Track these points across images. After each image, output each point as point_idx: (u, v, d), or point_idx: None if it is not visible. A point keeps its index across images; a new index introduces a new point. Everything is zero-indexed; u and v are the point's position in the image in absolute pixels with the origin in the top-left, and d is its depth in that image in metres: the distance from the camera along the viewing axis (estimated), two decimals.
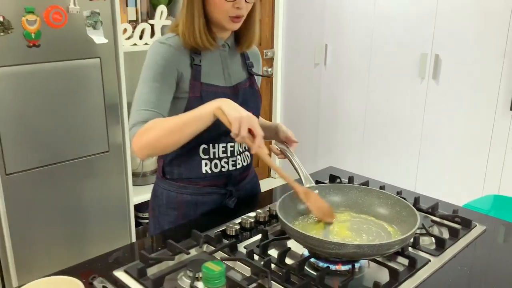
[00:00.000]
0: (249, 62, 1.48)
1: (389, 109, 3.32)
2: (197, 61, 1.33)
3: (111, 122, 2.08)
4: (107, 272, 1.13)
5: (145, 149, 1.26)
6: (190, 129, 1.21)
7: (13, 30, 1.73)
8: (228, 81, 1.40)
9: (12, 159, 1.83)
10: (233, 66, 1.43)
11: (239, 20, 1.31)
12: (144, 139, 1.24)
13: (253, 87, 1.47)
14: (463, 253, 1.24)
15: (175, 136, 1.22)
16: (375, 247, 1.05)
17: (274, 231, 1.32)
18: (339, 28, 3.49)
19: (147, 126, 1.24)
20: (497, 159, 2.82)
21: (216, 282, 0.67)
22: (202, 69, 1.34)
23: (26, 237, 1.94)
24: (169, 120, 1.25)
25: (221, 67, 1.40)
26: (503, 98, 2.74)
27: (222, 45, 1.39)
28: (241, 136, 1.14)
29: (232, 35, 1.42)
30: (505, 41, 2.68)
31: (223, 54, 1.40)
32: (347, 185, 1.39)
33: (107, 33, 1.97)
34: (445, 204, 1.51)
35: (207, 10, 1.30)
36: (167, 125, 1.23)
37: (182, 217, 1.44)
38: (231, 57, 1.43)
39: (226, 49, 1.41)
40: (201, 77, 1.34)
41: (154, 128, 1.23)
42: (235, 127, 1.14)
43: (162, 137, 1.23)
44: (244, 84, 1.44)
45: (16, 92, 1.80)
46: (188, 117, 1.21)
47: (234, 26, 1.33)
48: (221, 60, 1.40)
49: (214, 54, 1.38)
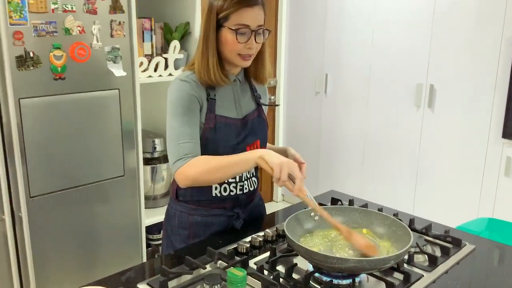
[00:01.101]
0: (257, 94, 1.62)
1: (387, 136, 3.47)
2: (212, 95, 1.48)
3: (127, 148, 2.23)
4: (131, 285, 1.26)
5: (190, 181, 1.41)
6: (233, 171, 1.39)
7: (41, 65, 1.89)
8: (239, 113, 1.55)
9: (36, 182, 1.97)
10: (243, 98, 1.57)
11: (250, 58, 1.46)
12: (190, 173, 1.39)
13: (261, 116, 1.62)
14: (453, 269, 1.36)
15: (218, 174, 1.39)
16: (373, 262, 1.18)
17: (281, 249, 1.44)
18: (339, 59, 3.67)
19: (193, 162, 1.39)
20: (491, 184, 2.95)
21: (239, 285, 0.81)
22: (217, 103, 1.49)
23: (46, 255, 2.06)
24: (214, 159, 1.40)
25: (233, 100, 1.54)
26: (495, 126, 2.89)
27: (233, 80, 1.54)
28: (282, 180, 1.29)
29: (242, 70, 1.57)
30: (496, 73, 2.84)
31: (235, 88, 1.55)
32: (348, 207, 1.52)
33: (125, 67, 2.13)
34: (438, 225, 1.63)
35: (220, 49, 1.45)
36: (213, 164, 1.38)
37: (192, 237, 1.56)
38: (241, 90, 1.57)
39: (237, 83, 1.56)
40: (216, 110, 1.48)
41: (200, 165, 1.39)
42: (276, 172, 1.28)
43: (206, 174, 1.39)
44: (253, 114, 1.58)
45: (42, 121, 1.95)
46: (232, 160, 1.37)
47: (245, 63, 1.47)
48: (233, 94, 1.54)
49: (226, 88, 1.52)
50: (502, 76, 2.82)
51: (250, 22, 1.40)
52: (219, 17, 1.41)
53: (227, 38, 1.41)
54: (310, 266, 1.32)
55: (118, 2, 2.05)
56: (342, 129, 3.75)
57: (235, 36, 1.40)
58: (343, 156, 3.77)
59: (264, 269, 1.30)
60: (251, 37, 1.41)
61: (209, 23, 1.42)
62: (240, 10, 1.39)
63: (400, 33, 3.26)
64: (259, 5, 1.42)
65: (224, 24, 1.41)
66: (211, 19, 1.42)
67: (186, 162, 1.39)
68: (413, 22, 3.17)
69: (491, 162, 2.93)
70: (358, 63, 3.54)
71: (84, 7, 1.97)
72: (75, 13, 1.95)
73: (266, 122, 1.64)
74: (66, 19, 1.93)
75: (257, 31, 1.42)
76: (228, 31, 1.40)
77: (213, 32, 1.42)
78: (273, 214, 1.79)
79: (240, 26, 1.39)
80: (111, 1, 2.04)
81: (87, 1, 1.97)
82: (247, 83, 1.60)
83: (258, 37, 1.44)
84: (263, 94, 1.66)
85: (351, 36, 3.54)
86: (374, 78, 3.47)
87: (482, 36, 2.87)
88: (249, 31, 1.41)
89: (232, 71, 1.53)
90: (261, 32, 1.44)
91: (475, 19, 2.88)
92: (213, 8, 1.41)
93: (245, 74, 1.59)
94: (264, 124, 1.62)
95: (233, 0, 1.38)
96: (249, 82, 1.61)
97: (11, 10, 1.79)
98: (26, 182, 1.93)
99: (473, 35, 2.91)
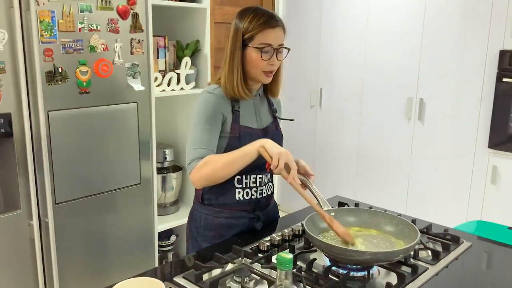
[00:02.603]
0: (274, 108, 1.79)
1: (380, 147, 3.65)
2: (236, 107, 1.63)
3: (143, 157, 2.36)
4: (168, 279, 1.39)
5: (203, 180, 1.56)
6: (240, 164, 1.52)
7: (69, 79, 2.03)
8: (260, 124, 1.70)
9: (61, 190, 2.09)
10: (262, 111, 1.73)
11: (271, 74, 1.63)
12: (203, 172, 1.53)
13: (278, 129, 1.78)
14: (454, 263, 1.52)
15: (228, 169, 1.53)
16: (387, 254, 1.33)
17: (299, 247, 1.59)
18: (333, 74, 3.85)
19: (204, 161, 1.53)
20: (478, 191, 3.14)
21: (287, 266, 0.97)
22: (240, 114, 1.65)
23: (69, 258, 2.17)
24: (222, 156, 1.54)
25: (254, 112, 1.70)
26: (481, 137, 3.10)
27: (254, 95, 1.70)
28: (279, 168, 1.44)
29: (262, 86, 1.73)
30: (481, 87, 3.05)
31: (256, 102, 1.71)
32: (358, 208, 1.68)
33: (143, 81, 2.27)
34: (437, 226, 1.81)
35: (245, 66, 1.61)
36: (222, 161, 1.52)
37: (218, 237, 1.70)
38: (261, 104, 1.74)
39: (258, 98, 1.72)
40: (240, 121, 1.64)
41: (210, 163, 1.52)
42: (275, 160, 1.44)
43: (217, 170, 1.53)
44: (271, 127, 1.74)
45: (68, 132, 2.08)
46: (238, 154, 1.51)
47: (268, 79, 1.64)
48: (254, 107, 1.70)
49: (249, 101, 1.68)
50: (487, 89, 3.03)
51: (272, 41, 1.57)
52: (244, 38, 1.57)
53: (252, 56, 1.57)
54: (327, 261, 1.46)
55: (138, 22, 2.21)
56: (336, 141, 3.92)
57: (260, 54, 1.56)
58: (337, 168, 3.94)
59: None
60: (273, 55, 1.58)
61: (235, 43, 1.58)
62: (264, 31, 1.55)
63: (391, 50, 3.46)
64: (280, 26, 1.59)
65: (249, 44, 1.57)
66: (237, 39, 1.58)
67: (198, 164, 1.53)
68: (404, 39, 3.37)
69: (478, 171, 3.13)
70: (351, 78, 3.73)
71: (107, 26, 2.12)
72: (99, 32, 2.09)
73: (281, 134, 1.79)
74: (91, 38, 2.07)
75: (279, 49, 1.59)
76: (253, 50, 1.57)
77: (239, 51, 1.58)
78: (286, 217, 1.94)
79: (264, 45, 1.56)
80: (132, 21, 2.19)
81: (110, 21, 2.12)
82: (265, 98, 1.76)
83: (280, 55, 1.61)
84: (278, 108, 1.82)
85: (345, 52, 3.73)
86: (367, 92, 3.66)
87: (468, 53, 3.08)
88: (271, 50, 1.57)
89: (254, 86, 1.68)
90: (282, 51, 1.61)
91: (461, 36, 3.10)
92: (239, 30, 1.58)
93: (264, 90, 1.76)
94: (280, 136, 1.77)
95: (258, 22, 1.55)
96: (267, 97, 1.77)
97: (43, 29, 1.92)
98: (52, 189, 2.05)
99: (459, 52, 3.12)
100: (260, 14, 1.57)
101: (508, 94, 2.91)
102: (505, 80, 2.91)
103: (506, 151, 2.97)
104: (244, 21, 1.57)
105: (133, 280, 1.25)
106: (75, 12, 2.01)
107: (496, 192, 3.06)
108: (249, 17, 1.57)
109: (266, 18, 1.56)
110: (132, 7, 2.19)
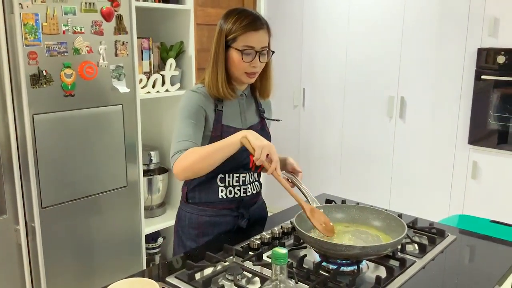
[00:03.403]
0: (261, 108, 1.80)
1: (362, 145, 3.70)
2: (219, 107, 1.64)
3: (129, 160, 2.36)
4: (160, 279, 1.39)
5: (184, 172, 1.54)
6: (221, 155, 1.50)
7: (53, 82, 2.01)
8: (244, 124, 1.72)
9: (47, 194, 2.07)
10: (248, 112, 1.74)
11: (254, 76, 1.64)
12: (184, 163, 1.52)
13: (264, 129, 1.79)
14: (440, 256, 1.56)
15: (209, 160, 1.50)
16: (376, 248, 1.36)
17: (289, 244, 1.61)
18: (315, 74, 3.89)
19: (186, 153, 1.52)
20: (459, 186, 3.22)
21: (282, 260, 0.99)
22: (224, 114, 1.65)
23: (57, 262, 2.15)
24: (203, 148, 1.53)
25: (239, 112, 1.71)
26: (461, 133, 3.17)
27: (240, 95, 1.71)
28: (260, 159, 1.44)
29: (249, 86, 1.74)
30: (460, 84, 3.12)
31: (241, 102, 1.72)
32: (346, 204, 1.70)
33: (128, 83, 2.27)
34: (422, 220, 1.85)
35: (228, 67, 1.62)
36: (202, 152, 1.51)
37: (202, 236, 1.71)
38: (247, 104, 1.75)
39: (243, 98, 1.73)
40: (222, 120, 1.65)
41: (192, 155, 1.51)
42: (257, 152, 1.43)
43: (198, 162, 1.51)
44: (256, 127, 1.75)
45: (54, 135, 2.07)
46: (219, 145, 1.50)
47: (250, 80, 1.65)
48: (239, 107, 1.71)
49: (233, 102, 1.69)
50: (466, 87, 3.10)
51: (255, 44, 1.58)
52: (227, 39, 1.59)
53: (234, 57, 1.59)
54: (317, 257, 1.49)
55: (122, 24, 2.20)
56: (320, 141, 3.96)
57: (241, 56, 1.57)
58: (321, 166, 3.98)
59: None
60: (256, 57, 1.59)
61: (219, 43, 1.60)
62: (246, 33, 1.56)
63: (372, 50, 3.52)
64: (264, 29, 1.60)
65: (232, 45, 1.58)
66: (220, 40, 1.59)
67: (181, 155, 1.53)
68: (384, 38, 3.43)
69: (459, 167, 3.20)
70: (333, 77, 3.77)
71: (91, 28, 2.11)
72: (83, 34, 2.08)
73: (269, 134, 1.81)
74: (76, 40, 2.06)
75: (261, 52, 1.60)
76: (235, 52, 1.58)
77: (222, 52, 1.60)
78: (275, 215, 1.96)
79: (246, 47, 1.57)
80: (116, 23, 2.19)
81: (94, 23, 2.11)
82: (252, 98, 1.78)
83: (262, 57, 1.61)
84: (267, 109, 1.83)
85: (326, 52, 3.78)
86: (349, 91, 3.71)
87: (446, 51, 3.15)
88: (253, 52, 1.58)
89: (239, 86, 1.70)
90: (265, 53, 1.62)
91: (440, 35, 3.17)
92: (223, 31, 1.59)
93: (251, 90, 1.77)
94: (267, 136, 1.78)
95: (241, 24, 1.56)
96: (255, 97, 1.78)
97: (27, 32, 1.91)
98: (38, 193, 2.03)
99: (438, 50, 3.19)
100: (244, 16, 1.58)
101: (487, 91, 2.99)
102: (483, 77, 2.98)
103: (486, 147, 3.05)
104: (228, 22, 1.59)
105: (127, 281, 1.26)
106: (59, 15, 2.00)
107: (476, 187, 3.14)
108: (233, 19, 1.58)
109: (249, 20, 1.57)
110: (116, 9, 2.18)
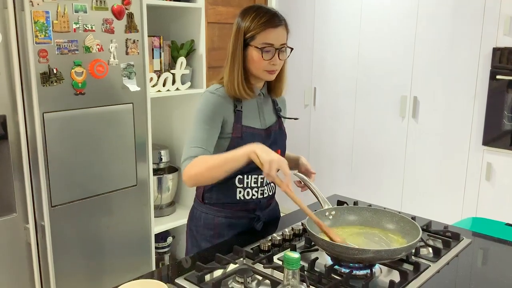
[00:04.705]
0: (278, 107, 1.77)
1: (374, 145, 3.66)
2: (239, 107, 1.61)
3: (139, 159, 2.35)
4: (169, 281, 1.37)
5: (191, 180, 1.53)
6: (228, 167, 1.47)
7: (64, 80, 2.01)
8: (263, 124, 1.69)
9: (57, 192, 2.07)
10: (266, 111, 1.72)
11: (274, 73, 1.61)
12: (191, 171, 1.51)
13: (281, 128, 1.76)
14: (454, 260, 1.53)
15: (215, 171, 1.49)
16: (389, 252, 1.33)
17: (300, 246, 1.58)
18: (327, 74, 3.85)
19: (194, 161, 1.51)
20: (473, 188, 3.16)
21: (294, 265, 0.96)
22: (243, 114, 1.63)
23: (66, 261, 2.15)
24: (211, 158, 1.51)
25: (257, 112, 1.68)
26: (475, 134, 3.12)
27: (258, 94, 1.68)
28: (271, 176, 1.39)
29: (265, 85, 1.71)
30: (475, 84, 3.07)
31: (259, 101, 1.69)
32: (359, 207, 1.67)
33: (138, 82, 2.26)
34: (436, 223, 1.81)
35: (246, 66, 1.59)
36: (210, 162, 1.49)
37: (217, 237, 1.69)
38: (264, 103, 1.72)
39: (261, 97, 1.70)
40: (242, 121, 1.62)
41: (199, 163, 1.50)
42: (265, 167, 1.38)
43: (205, 172, 1.49)
44: (274, 127, 1.72)
45: (64, 133, 2.06)
46: (227, 157, 1.47)
47: (271, 77, 1.62)
48: (258, 106, 1.69)
49: (252, 101, 1.66)
50: (480, 87, 3.05)
51: (274, 41, 1.55)
52: (246, 37, 1.56)
53: (253, 55, 1.56)
54: (329, 260, 1.46)
55: (133, 22, 2.19)
56: (331, 140, 3.93)
57: (261, 54, 1.55)
58: (332, 166, 3.95)
59: None
60: (275, 54, 1.56)
61: (236, 42, 1.57)
62: (265, 30, 1.54)
63: (385, 49, 3.47)
64: (283, 26, 1.58)
65: (250, 43, 1.56)
66: (238, 38, 1.57)
67: (189, 163, 1.51)
68: (397, 38, 3.39)
69: (472, 168, 3.15)
70: (345, 77, 3.74)
71: (102, 26, 2.10)
72: (94, 32, 2.07)
73: (285, 133, 1.78)
74: (86, 38, 2.05)
75: (281, 49, 1.57)
76: (254, 50, 1.55)
77: (240, 50, 1.57)
78: (286, 216, 1.93)
79: (265, 45, 1.55)
80: (127, 21, 2.17)
81: (105, 21, 2.10)
82: (269, 97, 1.75)
83: (282, 54, 1.59)
84: (283, 107, 1.81)
85: (338, 51, 3.74)
86: (360, 91, 3.67)
87: (461, 50, 3.10)
88: (273, 49, 1.55)
89: (257, 85, 1.67)
90: (284, 50, 1.60)
91: (454, 34, 3.12)
92: (241, 29, 1.57)
93: (268, 89, 1.74)
94: (284, 135, 1.77)
95: (259, 22, 1.54)
96: (271, 96, 1.76)
97: (37, 29, 1.90)
98: (48, 191, 2.03)
99: (452, 50, 3.14)
100: (262, 13, 1.55)
101: (502, 91, 2.94)
102: (498, 77, 2.93)
103: (500, 148, 3.00)
104: (246, 20, 1.56)
105: (136, 282, 1.24)
106: (70, 13, 1.99)
107: (490, 189, 3.08)
108: (251, 16, 1.56)
109: (268, 17, 1.55)
110: (127, 7, 2.17)
